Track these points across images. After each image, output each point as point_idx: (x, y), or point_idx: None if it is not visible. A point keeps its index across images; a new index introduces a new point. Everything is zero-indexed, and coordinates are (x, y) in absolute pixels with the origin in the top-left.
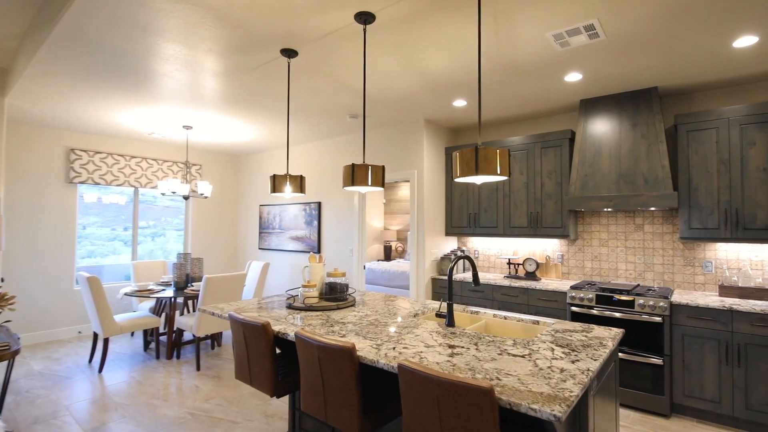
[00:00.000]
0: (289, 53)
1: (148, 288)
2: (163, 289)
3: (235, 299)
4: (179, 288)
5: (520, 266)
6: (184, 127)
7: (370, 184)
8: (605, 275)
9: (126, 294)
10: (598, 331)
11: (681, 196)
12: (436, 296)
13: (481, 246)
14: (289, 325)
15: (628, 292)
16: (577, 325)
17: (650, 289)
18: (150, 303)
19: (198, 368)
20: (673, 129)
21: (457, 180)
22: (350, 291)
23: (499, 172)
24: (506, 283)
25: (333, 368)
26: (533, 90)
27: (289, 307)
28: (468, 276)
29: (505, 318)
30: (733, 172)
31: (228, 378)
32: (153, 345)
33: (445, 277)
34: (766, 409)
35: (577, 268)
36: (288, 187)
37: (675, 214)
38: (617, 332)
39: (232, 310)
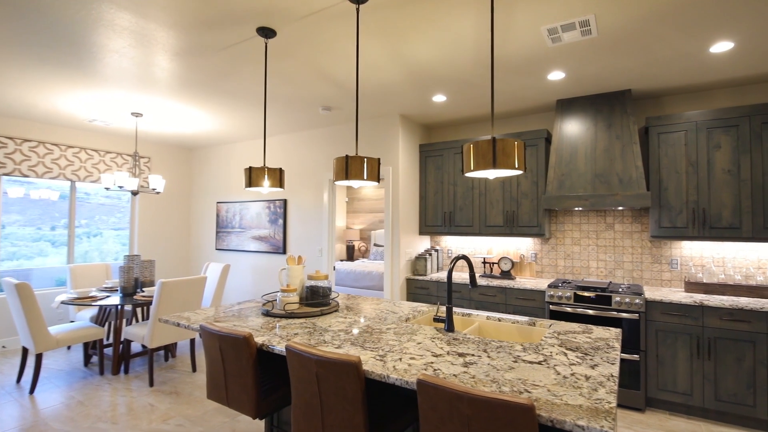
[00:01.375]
0: (267, 33)
1: (90, 295)
2: (108, 296)
3: (194, 306)
4: (127, 294)
5: (495, 265)
6: (133, 114)
7: (365, 178)
8: (577, 273)
9: (63, 302)
10: (599, 331)
11: (652, 195)
12: (410, 297)
13: (455, 245)
14: (274, 336)
15: (603, 290)
16: (575, 326)
17: (623, 287)
18: (91, 312)
19: (151, 383)
20: (644, 131)
21: (468, 175)
22: (333, 295)
23: (516, 165)
24: (484, 282)
25: (334, 385)
26: (515, 87)
27: (267, 314)
28: (442, 275)
29: (499, 320)
30: (700, 173)
31: (187, 393)
32: (96, 359)
33: (421, 278)
34: (733, 400)
35: (551, 267)
36: (266, 181)
37: (644, 214)
38: (616, 332)
39: (202, 320)
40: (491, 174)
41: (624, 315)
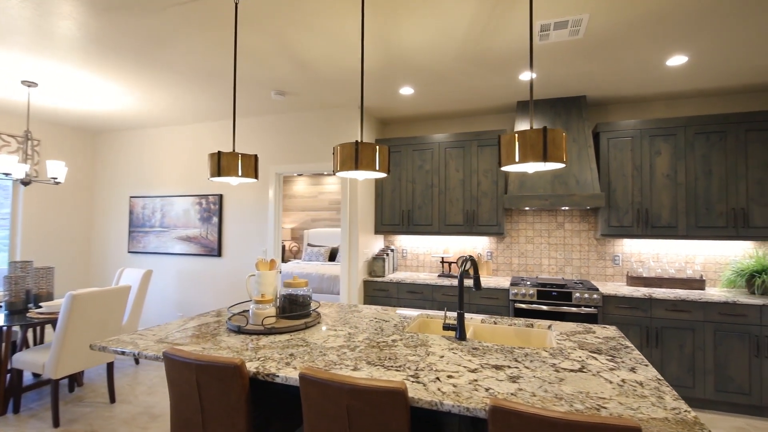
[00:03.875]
0: None
1: None
2: None
3: (115, 324)
4: (15, 311)
5: (454, 264)
6: (25, 83)
7: (377, 168)
8: (531, 271)
9: None
10: (600, 330)
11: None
12: (368, 300)
13: (410, 244)
14: (266, 361)
15: (564, 287)
16: (574, 326)
17: (576, 283)
18: None
19: (56, 423)
20: (595, 136)
21: (508, 168)
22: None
23: (564, 159)
24: (447, 282)
25: (373, 421)
26: (486, 85)
27: (240, 331)
28: (402, 276)
29: (495, 323)
30: (644, 177)
31: (107, 431)
32: None
33: (379, 279)
34: (677, 383)
35: (506, 265)
36: (239, 170)
37: (591, 213)
38: (614, 329)
39: (155, 344)
40: (534, 168)
41: (583, 310)
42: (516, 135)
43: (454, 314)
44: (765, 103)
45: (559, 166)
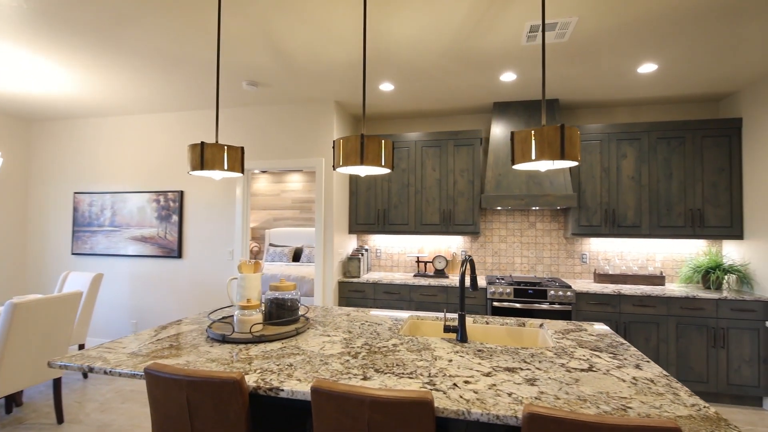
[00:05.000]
0: None
1: None
2: None
3: (64, 336)
4: None
5: (429, 264)
6: None
7: (383, 164)
8: (504, 269)
9: None
10: (590, 327)
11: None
12: (342, 302)
13: (384, 244)
14: (265, 373)
15: (539, 285)
16: (562, 323)
17: (547, 280)
18: None
19: None
20: None
21: (518, 166)
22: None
23: (579, 158)
24: (425, 282)
25: None
26: (466, 84)
27: (225, 340)
28: (378, 276)
29: (487, 323)
30: (611, 179)
31: None
32: None
33: (354, 280)
34: None
35: (480, 264)
36: (225, 163)
37: (560, 213)
38: (604, 326)
39: (127, 359)
40: (547, 166)
41: (558, 307)
42: (533, 132)
43: (451, 315)
44: (716, 111)
45: (573, 164)
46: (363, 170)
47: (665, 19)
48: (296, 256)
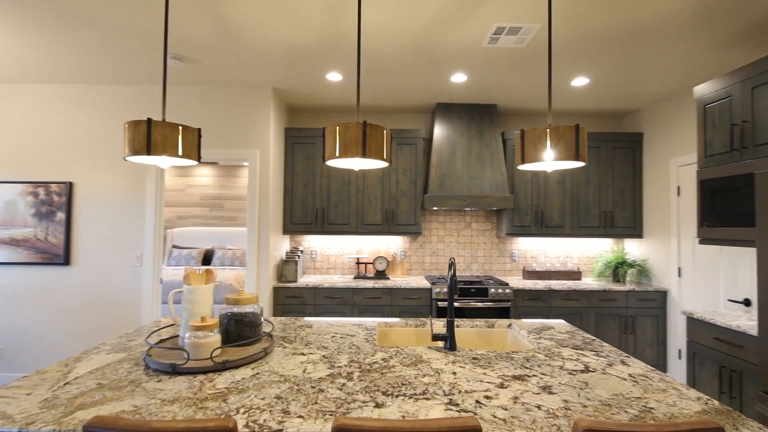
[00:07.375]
0: None
1: None
2: None
3: None
4: None
5: (370, 265)
6: None
7: (384, 157)
8: (441, 269)
9: None
10: (557, 326)
11: None
12: (278, 310)
13: (320, 245)
14: (254, 412)
15: (480, 283)
16: (527, 322)
17: (488, 279)
18: None
19: None
20: (503, 143)
21: (524, 167)
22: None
23: (586, 159)
24: (368, 285)
25: None
26: (417, 81)
27: (177, 371)
28: (317, 280)
29: (458, 326)
30: (540, 183)
31: None
32: None
33: (291, 285)
34: None
35: (418, 264)
36: (180, 148)
37: (493, 214)
38: (564, 323)
39: (36, 413)
40: (554, 167)
41: (499, 304)
42: (548, 131)
43: (426, 321)
44: (621, 125)
45: (580, 164)
46: (362, 163)
47: (605, 36)
48: (206, 259)
